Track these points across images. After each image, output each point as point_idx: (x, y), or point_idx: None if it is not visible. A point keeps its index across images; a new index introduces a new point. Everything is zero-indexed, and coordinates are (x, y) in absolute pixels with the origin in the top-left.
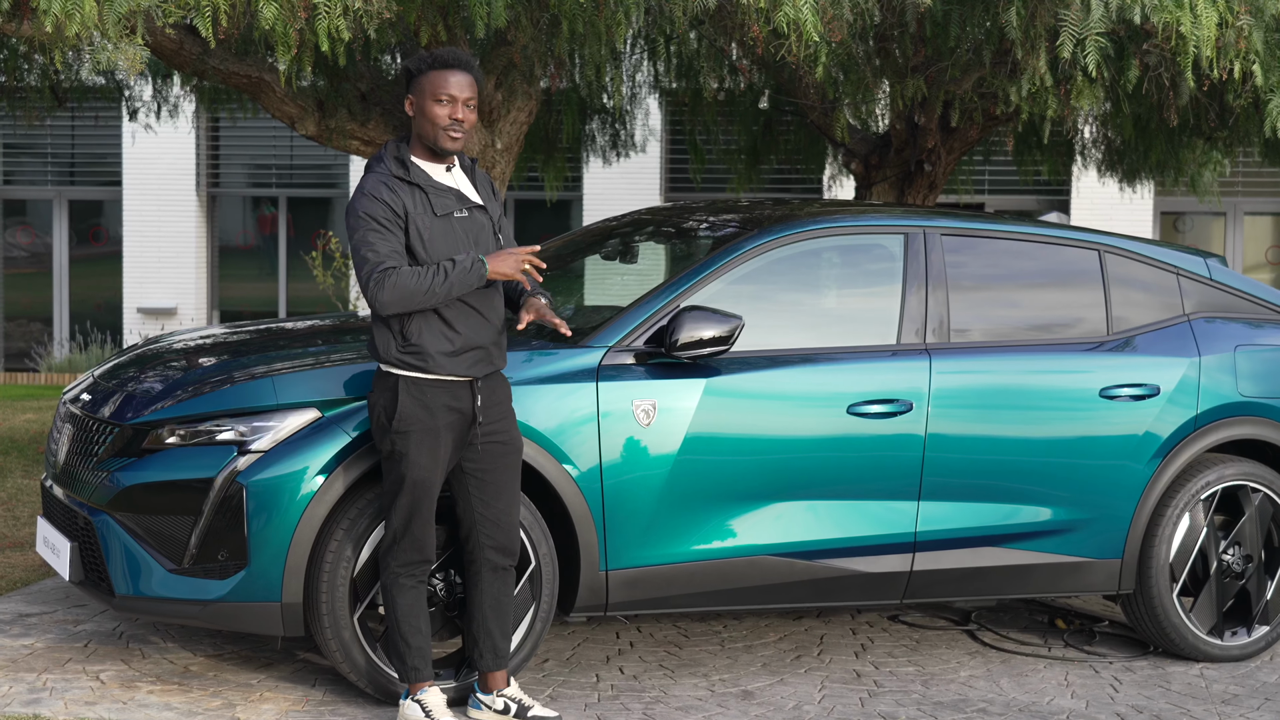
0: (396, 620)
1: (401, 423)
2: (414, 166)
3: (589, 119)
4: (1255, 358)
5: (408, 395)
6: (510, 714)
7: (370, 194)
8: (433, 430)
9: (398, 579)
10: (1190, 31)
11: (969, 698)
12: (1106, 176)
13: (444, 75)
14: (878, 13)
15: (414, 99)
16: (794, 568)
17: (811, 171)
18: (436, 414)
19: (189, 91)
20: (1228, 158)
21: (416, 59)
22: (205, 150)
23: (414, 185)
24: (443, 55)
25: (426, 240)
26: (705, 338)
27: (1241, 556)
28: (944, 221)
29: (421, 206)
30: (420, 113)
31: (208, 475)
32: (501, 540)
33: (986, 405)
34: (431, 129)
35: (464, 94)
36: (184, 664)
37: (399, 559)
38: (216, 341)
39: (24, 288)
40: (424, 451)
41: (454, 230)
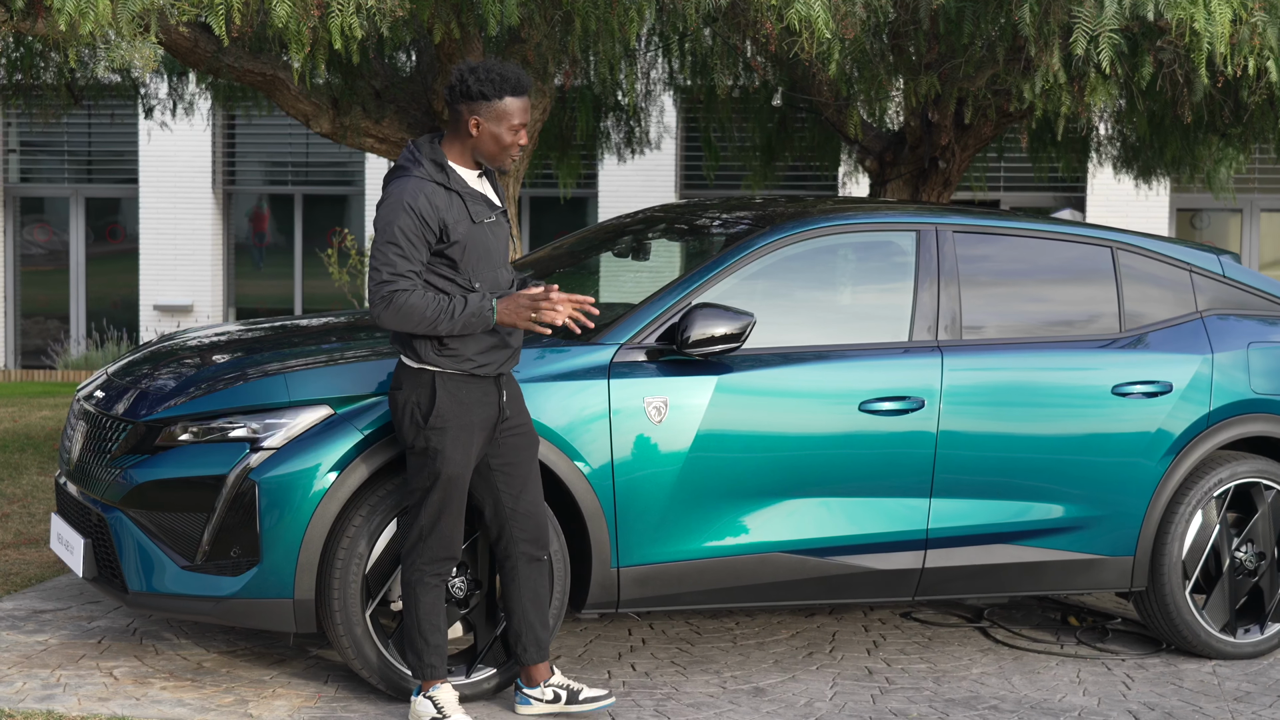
0: (418, 618)
1: (438, 419)
2: (452, 171)
3: (604, 116)
4: (1268, 355)
5: (444, 391)
6: (562, 702)
7: (407, 205)
8: (468, 426)
9: (424, 578)
10: (1204, 28)
11: (980, 695)
12: (1122, 173)
13: (518, 103)
14: (892, 10)
15: (481, 120)
16: (806, 565)
17: (826, 169)
18: (471, 410)
19: (204, 89)
20: (1243, 154)
21: (490, 81)
22: (221, 148)
23: (452, 191)
24: (514, 80)
25: (465, 248)
26: (717, 335)
27: (1254, 554)
28: (956, 219)
29: (459, 213)
30: (487, 134)
31: (220, 472)
32: (533, 531)
33: (998, 402)
34: (498, 152)
35: (528, 117)
36: (197, 660)
37: (426, 556)
38: (230, 339)
39: (41, 285)
40: (459, 447)
41: (487, 237)
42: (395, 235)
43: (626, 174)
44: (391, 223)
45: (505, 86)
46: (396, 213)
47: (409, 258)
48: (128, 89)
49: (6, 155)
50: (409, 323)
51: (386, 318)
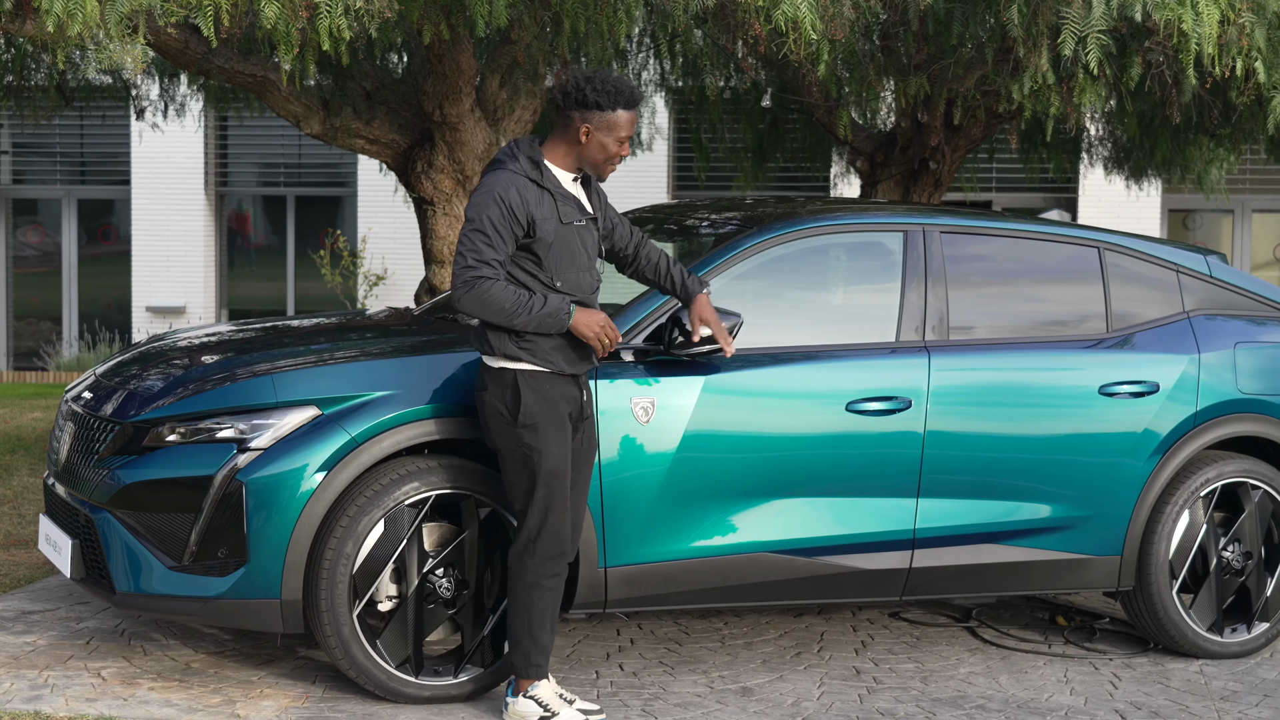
0: (530, 620)
1: (527, 416)
2: (548, 171)
3: None
4: (1255, 355)
5: (528, 389)
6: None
7: (497, 195)
8: (558, 419)
9: (540, 580)
10: (1192, 29)
11: (968, 694)
12: (1113, 174)
13: (629, 115)
14: (881, 10)
15: (592, 129)
16: (793, 565)
17: (818, 169)
18: (557, 404)
19: (196, 90)
20: (1234, 155)
21: (606, 92)
22: (214, 149)
23: (544, 189)
24: (628, 94)
25: (550, 244)
26: (704, 335)
27: (1241, 553)
28: (944, 219)
29: (549, 211)
30: (595, 143)
31: (208, 473)
32: (576, 544)
33: (985, 402)
34: (602, 161)
35: (633, 130)
36: (185, 661)
37: (540, 557)
38: (220, 339)
39: (34, 287)
40: (553, 440)
41: (574, 238)
42: (484, 224)
43: (619, 175)
44: (481, 211)
45: (620, 99)
46: (487, 202)
47: (495, 247)
48: (119, 90)
49: None
50: (488, 310)
51: (467, 302)
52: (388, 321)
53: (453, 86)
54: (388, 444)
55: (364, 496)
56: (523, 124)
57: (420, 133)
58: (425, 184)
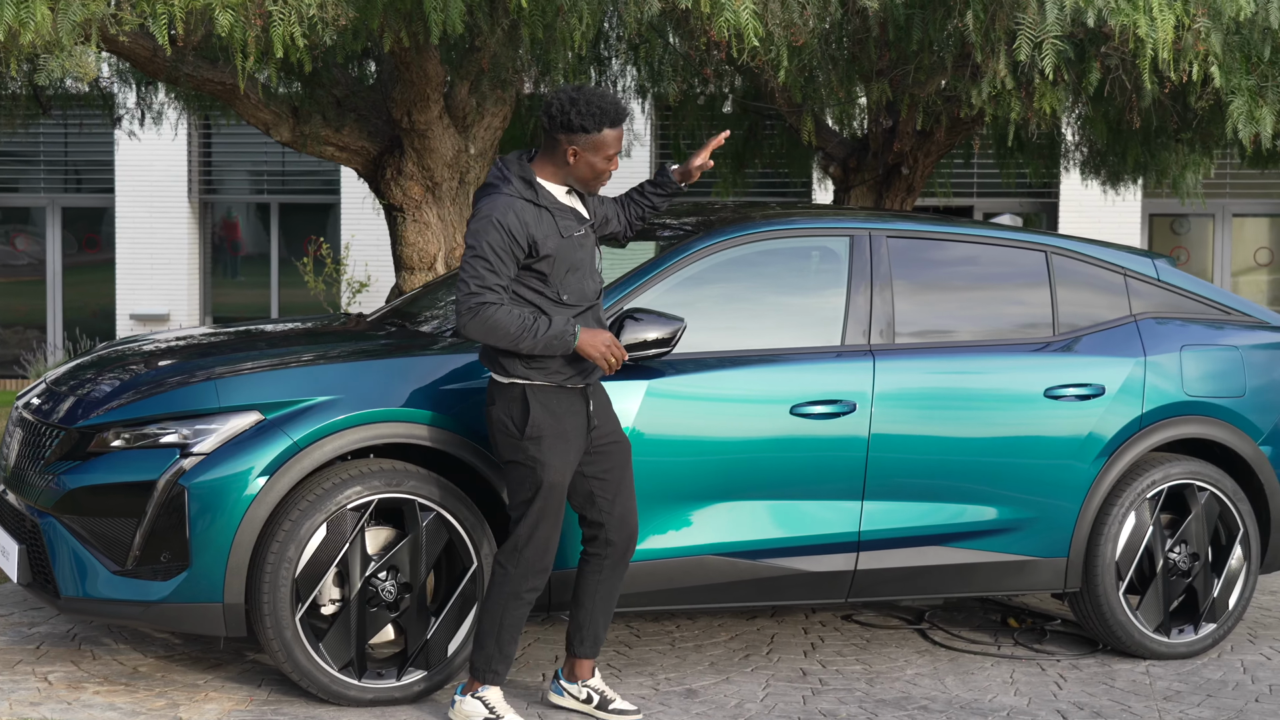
0: (500, 627)
1: (534, 429)
2: (542, 189)
3: None
4: (1201, 357)
5: (536, 402)
6: (592, 704)
7: (496, 220)
8: (563, 434)
9: (520, 592)
10: (1147, 34)
11: (911, 695)
12: (1090, 179)
13: (615, 133)
14: (840, 14)
15: (579, 150)
16: (738, 567)
17: (797, 175)
18: (563, 419)
19: (173, 98)
20: (1207, 159)
21: (590, 115)
22: (198, 157)
23: (542, 208)
24: (613, 113)
25: (555, 260)
26: (647, 340)
27: (1188, 555)
28: (890, 224)
29: (549, 228)
30: (584, 163)
31: (150, 477)
32: (626, 535)
33: (930, 406)
34: (591, 179)
35: (621, 145)
36: (133, 665)
37: (523, 568)
38: (172, 345)
39: (18, 295)
40: (557, 454)
41: (576, 249)
42: (484, 250)
43: None
44: (481, 238)
45: (605, 119)
46: (486, 228)
47: (497, 272)
48: (95, 98)
49: None
50: (493, 336)
51: (472, 329)
52: (341, 328)
53: (420, 94)
54: (330, 448)
55: (306, 501)
56: (492, 130)
57: (390, 140)
58: (395, 191)
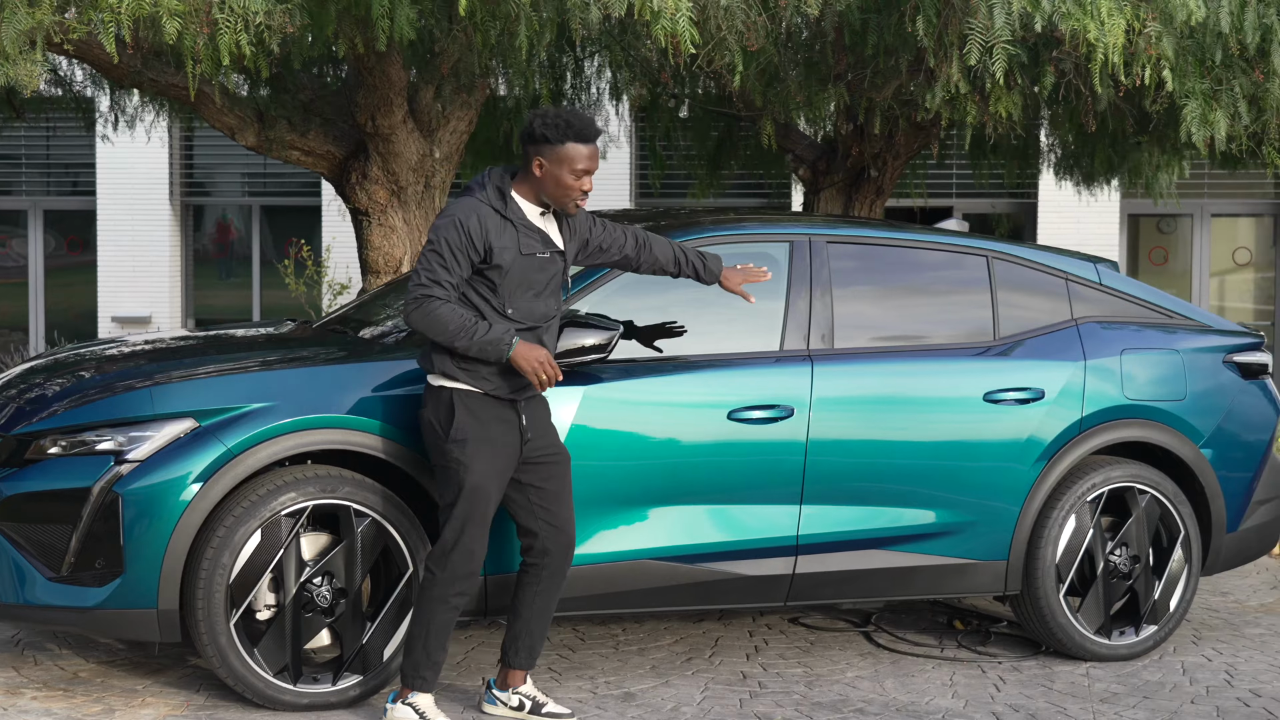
0: (427, 633)
1: (458, 432)
2: (513, 203)
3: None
4: (1142, 361)
5: (462, 407)
6: (525, 710)
7: (458, 220)
8: (488, 440)
9: (447, 597)
10: (1097, 38)
11: (849, 698)
12: (1064, 180)
13: (583, 149)
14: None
15: (546, 163)
16: (676, 571)
17: (772, 178)
18: (489, 425)
19: (147, 102)
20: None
21: (554, 126)
22: (179, 160)
23: (507, 220)
24: (579, 128)
25: (506, 272)
26: (582, 346)
27: (1129, 557)
28: (830, 229)
29: (510, 242)
30: (549, 176)
31: (85, 484)
32: (564, 545)
33: (868, 410)
34: (559, 194)
35: (595, 164)
36: (74, 670)
37: (449, 573)
38: (123, 350)
39: (1, 297)
40: (481, 459)
41: (533, 270)
42: (441, 246)
43: None
44: (441, 234)
45: (569, 133)
46: (448, 226)
47: (449, 269)
48: (68, 102)
49: None
50: (432, 329)
51: (414, 318)
52: (288, 334)
53: (383, 98)
54: (264, 455)
55: (241, 507)
56: (457, 135)
57: (355, 144)
58: (360, 195)
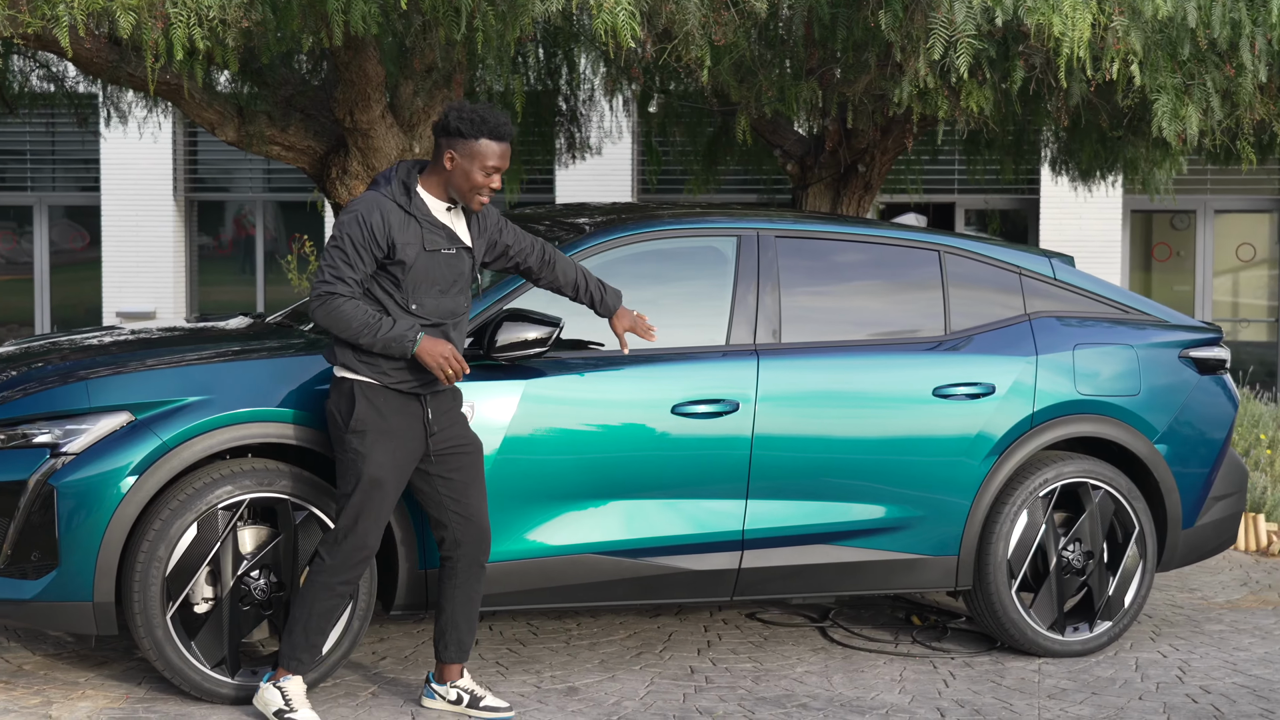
0: (309, 616)
1: (358, 423)
2: (418, 198)
3: (544, 121)
4: (1095, 356)
5: (363, 398)
6: (463, 704)
7: (360, 216)
8: (387, 432)
9: (333, 583)
10: (1061, 32)
11: (795, 693)
12: (1060, 175)
13: (495, 147)
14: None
15: (457, 156)
16: (619, 566)
17: (765, 173)
18: (389, 418)
19: (141, 98)
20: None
21: (469, 121)
22: (183, 155)
23: (410, 215)
24: (494, 125)
25: (410, 270)
26: (523, 339)
27: (1082, 553)
28: (779, 224)
29: (413, 237)
30: (460, 171)
31: (21, 477)
32: (475, 535)
33: (815, 405)
34: (467, 189)
35: (505, 163)
36: (19, 663)
37: (340, 559)
38: (73, 343)
39: (7, 292)
40: (379, 450)
41: (438, 266)
42: (344, 242)
43: (583, 179)
44: (344, 230)
45: (483, 129)
46: (351, 222)
47: (352, 265)
48: (61, 97)
49: None
50: (336, 325)
51: (319, 315)
52: (238, 329)
53: (361, 93)
54: (200, 448)
55: (177, 500)
56: None
57: (336, 139)
58: (340, 190)
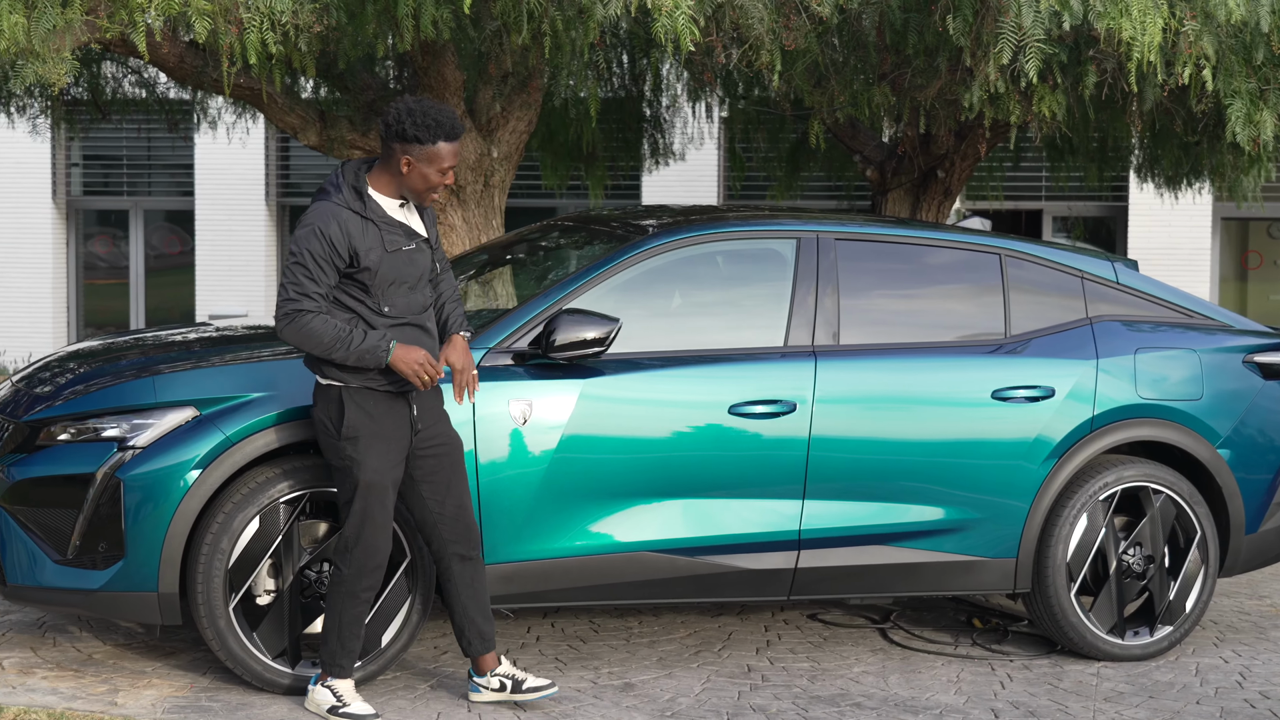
0: (340, 625)
1: (350, 429)
2: (371, 200)
3: (629, 127)
4: (1157, 360)
5: (352, 404)
6: (507, 690)
7: (318, 229)
8: (380, 435)
9: (356, 591)
10: (1132, 37)
11: (849, 692)
12: (1145, 182)
13: (450, 148)
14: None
15: (412, 160)
16: (675, 564)
17: (846, 179)
18: (379, 420)
19: (230, 103)
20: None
21: (425, 127)
22: (275, 160)
23: (368, 220)
24: (448, 127)
25: (376, 272)
26: (581, 339)
27: (1143, 557)
28: (838, 227)
29: (373, 241)
30: (417, 174)
31: (90, 470)
32: (461, 532)
33: (872, 406)
34: (423, 190)
35: (457, 161)
36: (89, 652)
37: (355, 567)
38: (134, 343)
39: (103, 296)
40: (374, 454)
41: (401, 263)
42: (304, 258)
43: (669, 184)
44: (303, 245)
45: (440, 132)
46: (309, 236)
47: (316, 280)
48: (151, 103)
49: (69, 169)
50: (307, 343)
51: (288, 335)
52: None
53: (439, 98)
54: (261, 443)
55: (240, 494)
56: (517, 135)
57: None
58: None
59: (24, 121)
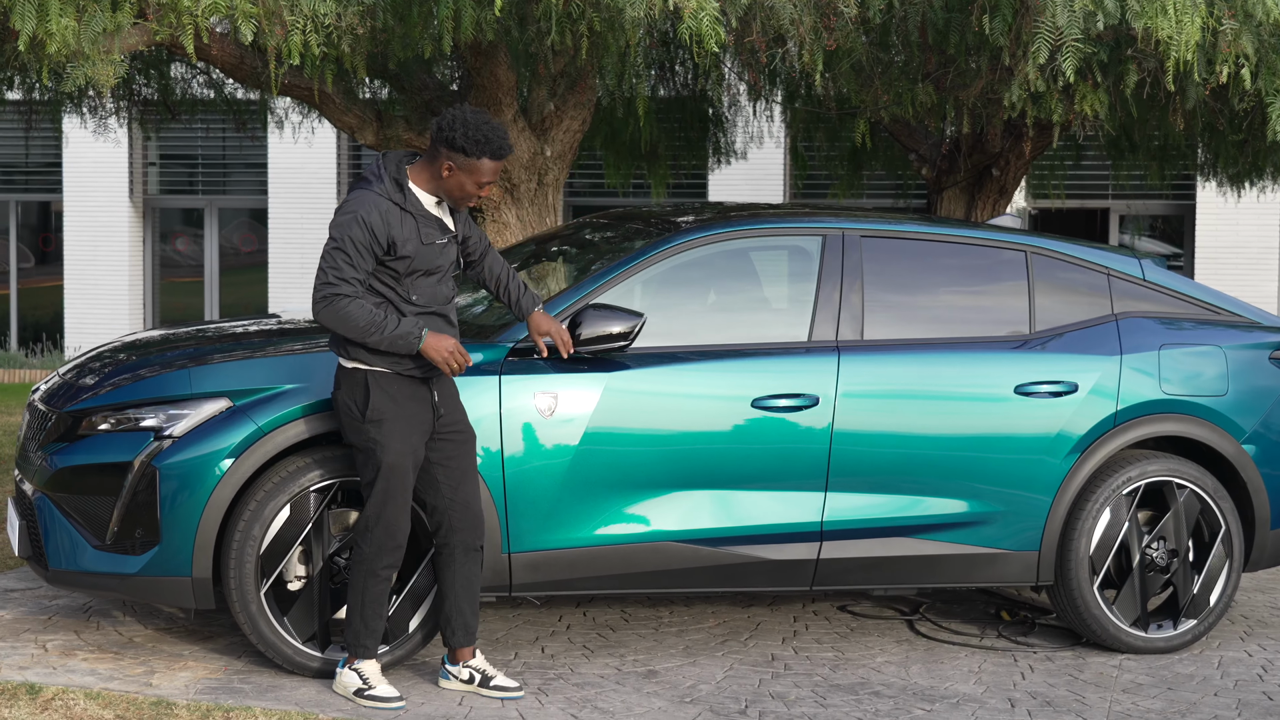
0: (362, 604)
1: (374, 413)
2: (410, 193)
3: (691, 126)
4: (1182, 356)
5: (377, 388)
6: (475, 683)
7: (359, 217)
8: (404, 418)
9: (375, 570)
10: (1170, 36)
11: (869, 681)
12: (1208, 180)
13: (492, 165)
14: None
15: (454, 168)
16: (699, 554)
17: (903, 178)
18: (402, 404)
19: (295, 103)
20: None
21: (474, 141)
22: (346, 160)
23: (406, 212)
24: (496, 146)
25: (410, 263)
26: (606, 334)
27: (1166, 551)
28: (864, 224)
29: (410, 232)
30: (455, 181)
31: (127, 458)
32: (470, 522)
33: (894, 400)
34: (460, 197)
35: (497, 177)
36: (129, 636)
37: (374, 547)
38: (176, 336)
39: (180, 294)
40: (397, 437)
41: (434, 256)
42: (345, 244)
43: (735, 183)
44: (345, 231)
45: (487, 149)
46: (350, 223)
47: (355, 266)
48: (219, 104)
49: (146, 169)
50: (343, 326)
51: (324, 316)
52: None
53: (492, 98)
54: (293, 433)
55: (271, 483)
56: (571, 134)
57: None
58: None
59: (94, 122)
